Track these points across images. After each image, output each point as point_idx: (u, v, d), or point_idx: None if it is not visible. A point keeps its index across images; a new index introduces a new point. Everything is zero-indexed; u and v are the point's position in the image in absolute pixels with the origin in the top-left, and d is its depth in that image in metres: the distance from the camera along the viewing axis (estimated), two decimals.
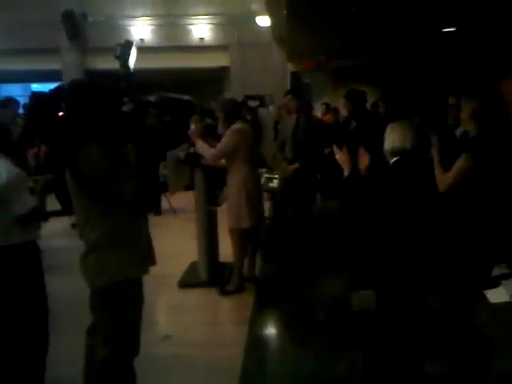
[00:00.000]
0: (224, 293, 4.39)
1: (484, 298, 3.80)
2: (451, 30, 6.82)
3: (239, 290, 4.43)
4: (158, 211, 7.65)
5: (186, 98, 2.66)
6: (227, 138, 4.19)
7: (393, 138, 2.64)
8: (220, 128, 4.32)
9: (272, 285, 4.71)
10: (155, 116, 2.55)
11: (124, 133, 2.33)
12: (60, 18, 11.17)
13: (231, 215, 4.32)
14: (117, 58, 2.86)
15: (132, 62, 2.87)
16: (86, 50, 12.45)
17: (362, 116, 4.86)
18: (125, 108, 2.46)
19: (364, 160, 2.76)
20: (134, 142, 2.39)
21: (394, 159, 2.64)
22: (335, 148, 2.80)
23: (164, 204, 7.69)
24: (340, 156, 2.79)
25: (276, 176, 6.34)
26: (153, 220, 7.11)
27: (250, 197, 4.26)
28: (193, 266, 4.92)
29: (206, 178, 4.53)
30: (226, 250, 4.64)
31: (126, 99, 2.58)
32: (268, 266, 5.09)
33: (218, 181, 4.86)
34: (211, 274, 4.62)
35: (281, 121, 5.68)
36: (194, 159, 4.43)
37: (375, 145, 2.87)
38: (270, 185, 5.86)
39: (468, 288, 2.91)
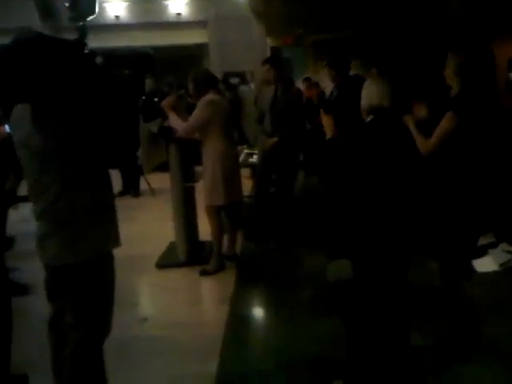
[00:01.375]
0: (204, 273, 4.23)
1: (471, 267, 3.70)
2: None
3: (219, 269, 4.27)
4: (137, 193, 7.47)
5: (146, 50, 2.45)
6: (198, 109, 3.99)
7: (370, 94, 2.46)
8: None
9: (253, 262, 4.57)
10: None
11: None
12: None
13: (206, 192, 4.14)
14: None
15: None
16: (60, 28, 12.01)
17: (344, 83, 4.67)
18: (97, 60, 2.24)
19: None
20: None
21: (371, 118, 2.47)
22: (321, 111, 2.67)
23: (142, 185, 7.50)
24: (325, 119, 2.65)
25: (256, 151, 6.16)
26: (131, 202, 7.05)
27: (225, 172, 4.07)
28: (171, 247, 4.75)
29: (180, 153, 4.33)
30: (207, 229, 4.48)
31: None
32: (249, 244, 4.94)
33: (194, 155, 4.67)
34: (190, 254, 4.46)
35: (259, 94, 5.45)
36: (168, 133, 4.22)
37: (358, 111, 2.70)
38: (250, 160, 5.68)
39: (455, 258, 2.79)
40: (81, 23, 2.53)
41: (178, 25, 12.26)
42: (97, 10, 2.66)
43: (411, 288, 2.72)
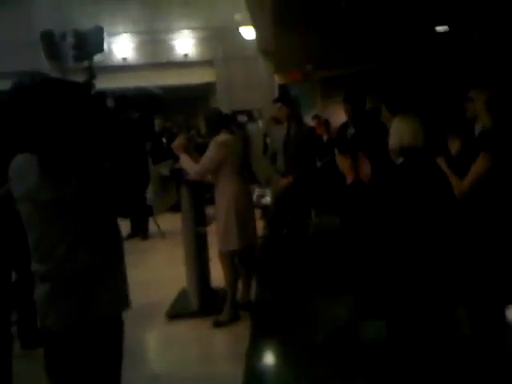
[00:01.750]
0: (217, 325, 3.96)
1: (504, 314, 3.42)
2: (444, 29, 6.55)
3: (233, 319, 4.00)
4: (145, 235, 7.23)
5: (155, 90, 2.27)
6: (211, 150, 3.81)
7: (400, 134, 2.26)
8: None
9: (269, 312, 4.29)
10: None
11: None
12: (38, 38, 10.83)
13: (219, 236, 3.93)
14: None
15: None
16: (67, 70, 12.12)
17: (361, 120, 4.48)
18: (108, 103, 2.06)
19: (365, 166, 2.39)
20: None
21: (402, 160, 2.26)
22: (337, 153, 2.45)
23: (152, 227, 7.28)
24: (342, 162, 2.43)
25: (268, 192, 5.97)
26: (140, 245, 6.81)
27: (239, 215, 3.87)
28: (182, 294, 4.49)
29: (192, 196, 4.13)
30: (220, 275, 4.24)
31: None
32: (264, 291, 4.67)
33: (206, 198, 4.48)
34: (202, 303, 4.19)
35: (270, 132, 5.29)
36: (179, 175, 4.03)
37: (378, 150, 2.52)
38: (263, 201, 5.47)
39: (487, 304, 2.55)
40: (88, 63, 2.36)
41: (185, 64, 12.25)
42: (105, 47, 2.48)
43: (440, 339, 2.47)
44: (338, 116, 8.14)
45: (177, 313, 4.21)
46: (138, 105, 2.05)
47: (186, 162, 3.83)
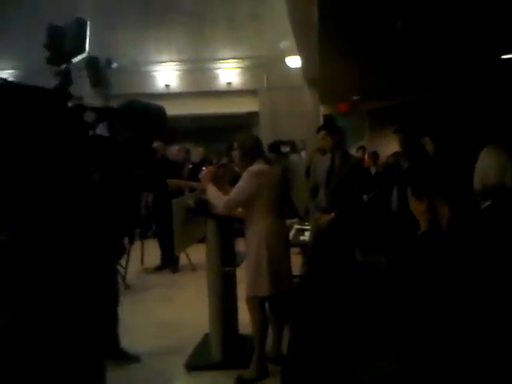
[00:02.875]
0: (242, 382, 3.42)
1: None
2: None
3: (261, 376, 3.46)
4: (175, 268, 6.81)
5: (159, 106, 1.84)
6: (243, 181, 3.35)
7: (484, 172, 1.74)
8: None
9: (304, 368, 3.71)
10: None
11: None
12: (84, 64, 10.87)
13: (248, 279, 3.43)
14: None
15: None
16: (110, 96, 12.07)
17: (415, 152, 3.96)
18: (86, 116, 1.65)
19: (444, 212, 1.88)
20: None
21: (488, 203, 1.73)
22: (409, 194, 1.96)
23: (183, 259, 6.86)
24: (415, 205, 1.94)
25: (308, 227, 5.44)
26: (169, 278, 6.37)
27: (272, 256, 3.36)
28: (205, 341, 3.99)
29: (219, 231, 3.66)
30: (249, 318, 3.73)
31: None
32: (298, 343, 4.10)
33: (235, 230, 4.00)
34: (226, 353, 3.67)
35: (313, 163, 4.81)
36: (205, 208, 3.59)
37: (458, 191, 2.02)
38: (301, 238, 4.94)
39: None
40: (63, 66, 1.95)
41: (228, 93, 12.07)
42: (87, 47, 2.07)
43: None
44: (387, 148, 7.60)
45: (197, 364, 3.70)
46: (133, 122, 1.63)
47: (212, 194, 3.38)
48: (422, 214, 1.98)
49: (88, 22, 1.89)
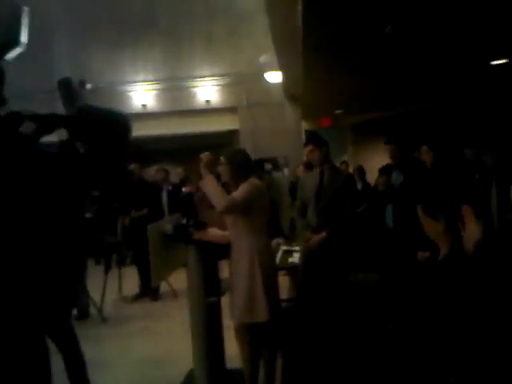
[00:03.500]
0: None
1: None
2: (502, 62, 5.78)
3: None
4: (156, 296, 6.38)
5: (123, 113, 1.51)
6: (243, 188, 3.05)
7: None
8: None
9: None
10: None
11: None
12: (56, 85, 10.48)
13: (238, 305, 3.09)
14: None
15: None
16: None
17: (409, 165, 3.67)
18: (24, 128, 1.32)
19: (473, 229, 1.57)
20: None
21: None
22: (421, 214, 1.65)
23: (163, 285, 6.43)
24: (430, 225, 1.62)
25: (296, 248, 5.10)
26: (149, 308, 5.94)
27: (266, 276, 3.06)
28: (189, 378, 3.59)
29: (202, 258, 3.30)
30: (237, 351, 3.36)
31: None
32: (291, 372, 3.73)
33: (220, 260, 3.64)
34: None
35: (300, 180, 4.48)
36: (186, 233, 3.23)
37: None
38: (290, 260, 4.59)
39: None
40: None
41: (207, 112, 11.80)
42: (23, 39, 1.73)
43: None
44: (370, 162, 7.35)
45: None
46: (88, 132, 1.29)
47: (212, 187, 3.02)
48: (441, 234, 1.67)
49: (25, 9, 1.55)
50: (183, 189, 8.81)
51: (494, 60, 5.83)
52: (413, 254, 3.62)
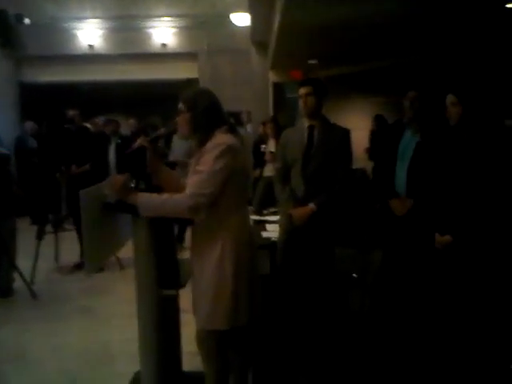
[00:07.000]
0: None
1: None
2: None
3: None
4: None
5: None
6: (212, 160, 2.15)
7: None
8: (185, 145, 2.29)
9: None
10: None
11: None
12: None
13: (203, 306, 2.27)
14: None
15: None
16: (22, 59, 10.46)
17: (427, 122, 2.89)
18: None
19: None
20: None
21: None
22: None
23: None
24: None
25: (269, 219, 4.28)
26: (90, 281, 5.00)
27: (249, 269, 2.30)
28: (135, 381, 2.78)
29: (154, 238, 2.40)
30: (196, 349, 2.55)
31: None
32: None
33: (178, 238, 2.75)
34: None
35: (282, 137, 3.55)
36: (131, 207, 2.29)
37: None
38: (265, 235, 3.75)
39: None
40: None
41: (163, 57, 10.64)
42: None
43: None
44: (346, 121, 6.60)
45: None
46: None
47: (149, 203, 2.18)
48: None
49: None
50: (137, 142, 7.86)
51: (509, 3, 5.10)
52: (430, 235, 2.88)
